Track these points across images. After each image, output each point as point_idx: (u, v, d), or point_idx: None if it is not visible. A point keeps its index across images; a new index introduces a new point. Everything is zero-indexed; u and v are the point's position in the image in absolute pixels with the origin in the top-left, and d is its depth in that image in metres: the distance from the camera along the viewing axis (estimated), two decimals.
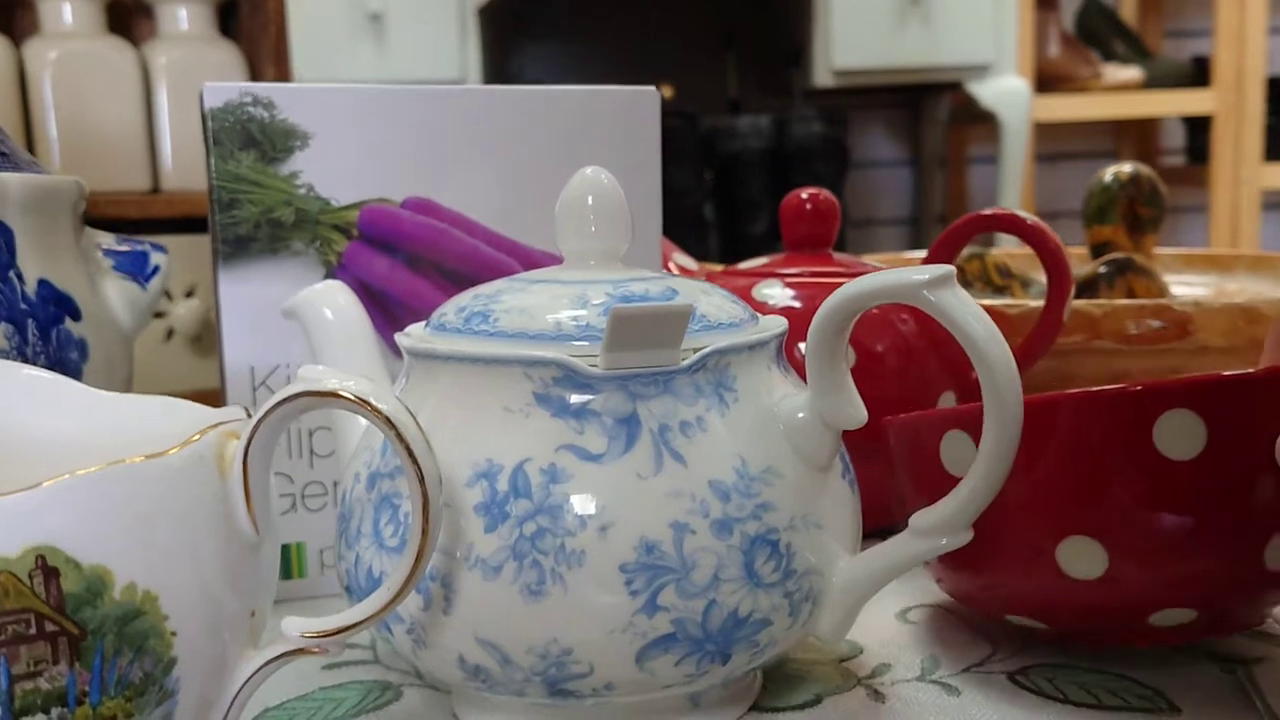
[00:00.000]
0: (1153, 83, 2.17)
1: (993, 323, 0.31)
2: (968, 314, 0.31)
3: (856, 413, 0.33)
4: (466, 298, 0.37)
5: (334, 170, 0.47)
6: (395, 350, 0.38)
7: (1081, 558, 0.35)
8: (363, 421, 0.38)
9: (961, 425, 0.36)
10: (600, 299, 0.34)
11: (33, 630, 0.25)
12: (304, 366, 0.31)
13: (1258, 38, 2.11)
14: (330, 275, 0.47)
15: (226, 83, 0.46)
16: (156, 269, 0.48)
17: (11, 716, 0.25)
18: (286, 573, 0.48)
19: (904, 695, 0.37)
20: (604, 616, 0.31)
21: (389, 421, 0.29)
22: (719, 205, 2.04)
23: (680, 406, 0.32)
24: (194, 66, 0.75)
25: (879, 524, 0.41)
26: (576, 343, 0.33)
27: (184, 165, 0.75)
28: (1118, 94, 2.15)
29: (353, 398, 0.29)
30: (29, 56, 0.70)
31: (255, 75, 0.77)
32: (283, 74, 0.75)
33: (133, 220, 0.70)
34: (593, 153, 0.50)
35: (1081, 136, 2.36)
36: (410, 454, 0.29)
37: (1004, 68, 2.09)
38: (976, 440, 0.33)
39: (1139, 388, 0.34)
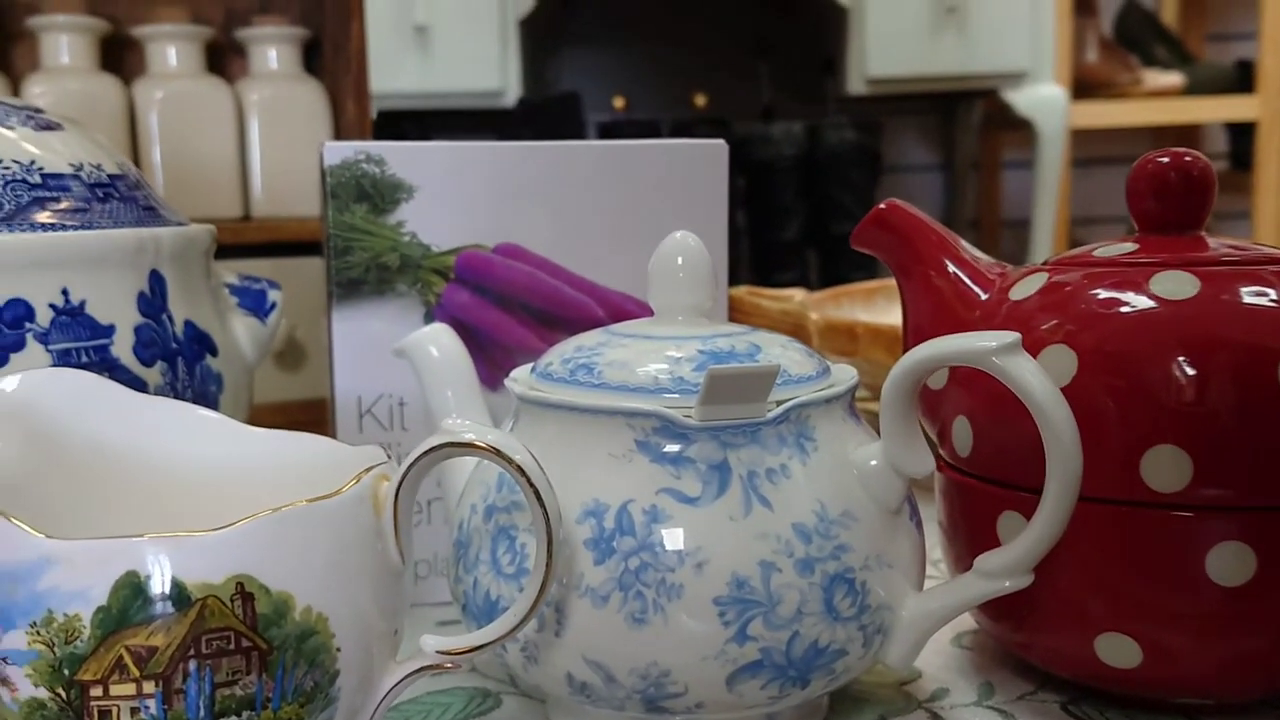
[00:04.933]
0: (1195, 88, 2.15)
1: (1056, 388, 0.35)
2: (1034, 380, 0.35)
3: (925, 462, 0.37)
4: (569, 349, 0.41)
5: (435, 219, 0.51)
6: (486, 380, 0.43)
7: (1119, 650, 0.39)
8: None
9: (1017, 508, 0.40)
10: (692, 355, 0.39)
11: (232, 646, 0.30)
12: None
13: None
14: (430, 314, 0.52)
15: (344, 142, 0.50)
16: (274, 305, 0.53)
17: (213, 717, 0.30)
18: None
19: None
20: (699, 643, 0.35)
21: (520, 469, 0.33)
22: (751, 212, 2.08)
23: (766, 455, 0.37)
24: (282, 102, 0.79)
25: None
26: (672, 395, 0.37)
27: (272, 194, 0.79)
28: (1158, 100, 2.15)
29: (486, 447, 0.34)
30: (138, 95, 0.75)
31: (337, 110, 0.81)
32: (362, 110, 0.80)
33: (226, 245, 0.75)
34: (665, 200, 0.54)
35: (1120, 141, 2.37)
36: (538, 498, 0.33)
37: (1041, 75, 2.10)
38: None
39: (1191, 514, 0.37)
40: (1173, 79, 2.17)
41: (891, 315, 0.89)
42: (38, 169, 0.43)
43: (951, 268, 0.46)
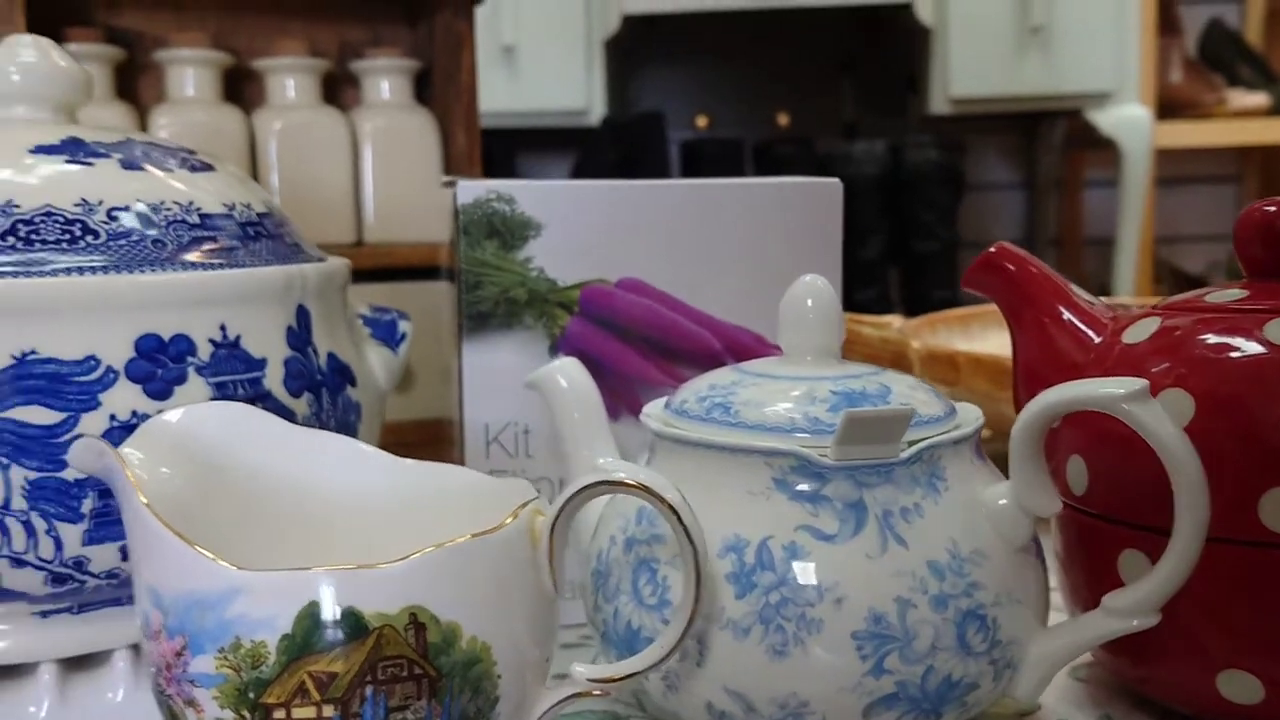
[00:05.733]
0: None
1: (1184, 434, 0.36)
2: (1163, 426, 0.36)
3: (1052, 502, 0.38)
4: (703, 387, 0.42)
5: (561, 255, 0.53)
6: (606, 409, 0.45)
7: (1241, 687, 0.40)
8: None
9: (1138, 546, 0.41)
10: (825, 396, 0.40)
11: (405, 673, 0.32)
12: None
13: None
14: (554, 346, 0.54)
15: (476, 181, 0.52)
16: (405, 335, 0.55)
17: None
18: None
19: None
20: (838, 676, 0.37)
21: (671, 508, 0.35)
22: None
23: (900, 494, 0.38)
24: (394, 132, 0.82)
25: None
26: (806, 435, 0.39)
27: (384, 220, 0.82)
28: (1243, 120, 2.13)
29: (638, 485, 0.35)
30: (257, 125, 0.78)
31: (447, 140, 0.84)
32: (472, 140, 0.83)
33: None
34: (780, 236, 0.56)
35: (1205, 161, 2.34)
36: (688, 536, 0.35)
37: (1125, 95, 2.09)
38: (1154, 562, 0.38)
39: None
40: (1258, 99, 2.15)
41: (987, 342, 0.90)
42: (196, 209, 0.45)
43: (1062, 311, 0.47)
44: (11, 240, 0.40)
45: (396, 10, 0.88)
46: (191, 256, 0.44)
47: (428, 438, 0.76)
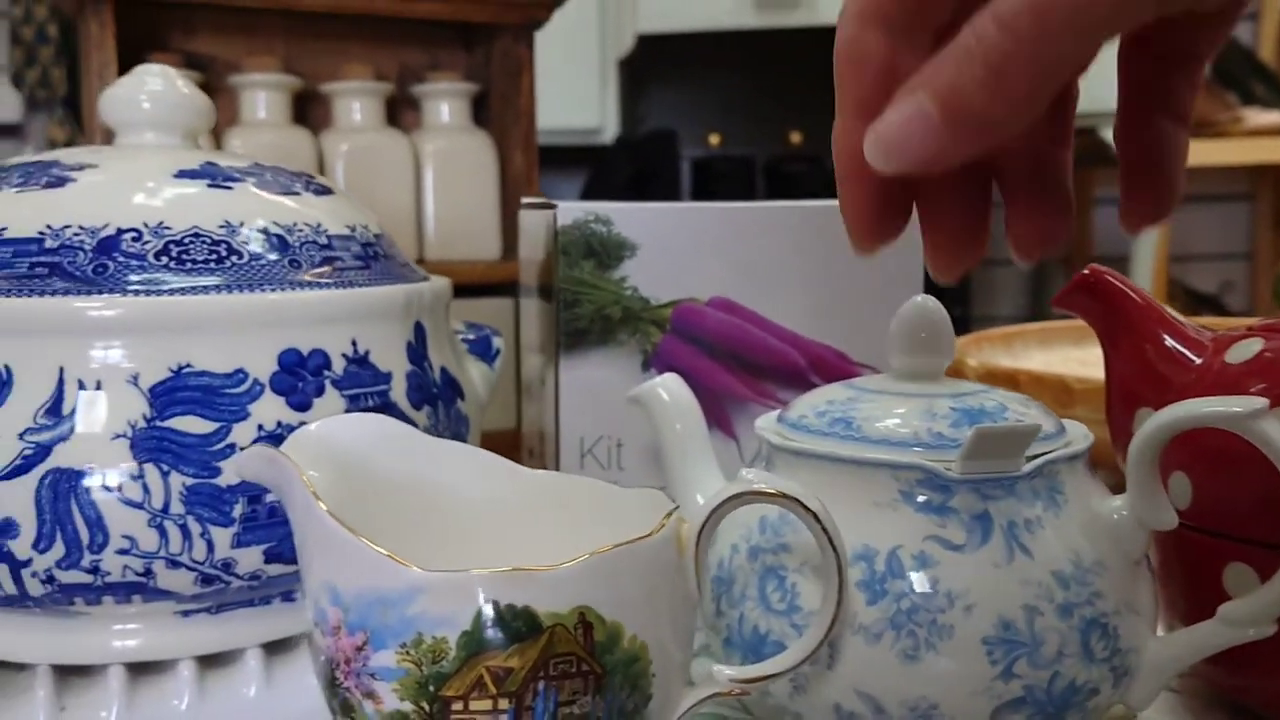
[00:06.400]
0: None
1: None
2: None
3: (1169, 516, 0.40)
4: (819, 402, 0.44)
5: (654, 275, 0.55)
6: None
7: None
8: (712, 492, 0.46)
9: (1245, 560, 0.43)
10: (945, 412, 0.42)
11: (574, 669, 0.33)
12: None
13: None
14: (646, 362, 0.56)
15: (574, 203, 0.54)
16: (499, 351, 0.57)
17: None
18: None
19: None
20: (968, 680, 0.38)
21: (815, 517, 0.37)
22: None
23: (1022, 507, 0.40)
24: (454, 153, 0.84)
25: None
26: (928, 449, 0.40)
27: (444, 239, 0.84)
28: (1258, 138, 2.15)
29: (780, 494, 0.37)
30: (325, 147, 0.80)
31: (504, 161, 0.86)
32: (530, 161, 0.84)
33: None
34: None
35: (1217, 179, 2.37)
36: (831, 543, 0.37)
37: None
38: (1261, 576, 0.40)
39: None
40: (1272, 117, 2.17)
41: (1031, 360, 0.91)
42: (324, 230, 0.47)
43: (1160, 332, 0.48)
44: (165, 260, 0.42)
45: (454, 35, 0.90)
46: (323, 276, 0.45)
47: (502, 446, 0.78)
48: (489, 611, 0.33)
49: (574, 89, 2.11)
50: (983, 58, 0.29)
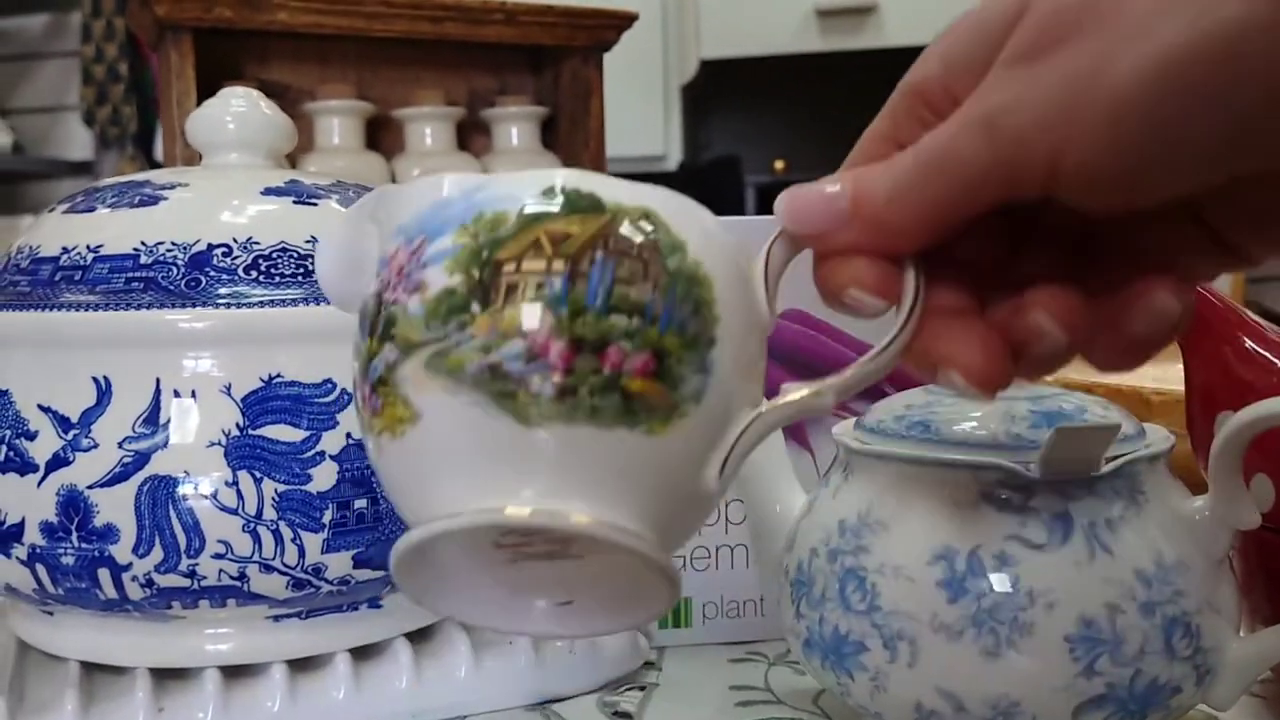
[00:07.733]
0: None
1: None
2: None
3: (1251, 515, 0.40)
4: (898, 406, 0.44)
5: None
6: None
7: None
8: (790, 501, 0.47)
9: None
10: (1024, 414, 0.42)
11: (634, 253, 0.30)
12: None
13: None
14: None
15: None
16: None
17: (606, 308, 0.30)
18: (675, 622, 0.57)
19: None
20: (1050, 677, 0.38)
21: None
22: None
23: (1103, 506, 0.40)
24: None
25: None
26: (1008, 450, 0.41)
27: None
28: None
29: None
30: (398, 170, 0.82)
31: None
32: None
33: None
34: None
35: None
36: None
37: None
38: None
39: None
40: None
41: (1105, 379, 0.91)
42: None
43: (1241, 336, 0.48)
44: (254, 274, 0.44)
45: (522, 59, 0.91)
46: None
47: None
48: (553, 188, 0.31)
49: (637, 117, 2.13)
50: (895, 173, 0.31)
